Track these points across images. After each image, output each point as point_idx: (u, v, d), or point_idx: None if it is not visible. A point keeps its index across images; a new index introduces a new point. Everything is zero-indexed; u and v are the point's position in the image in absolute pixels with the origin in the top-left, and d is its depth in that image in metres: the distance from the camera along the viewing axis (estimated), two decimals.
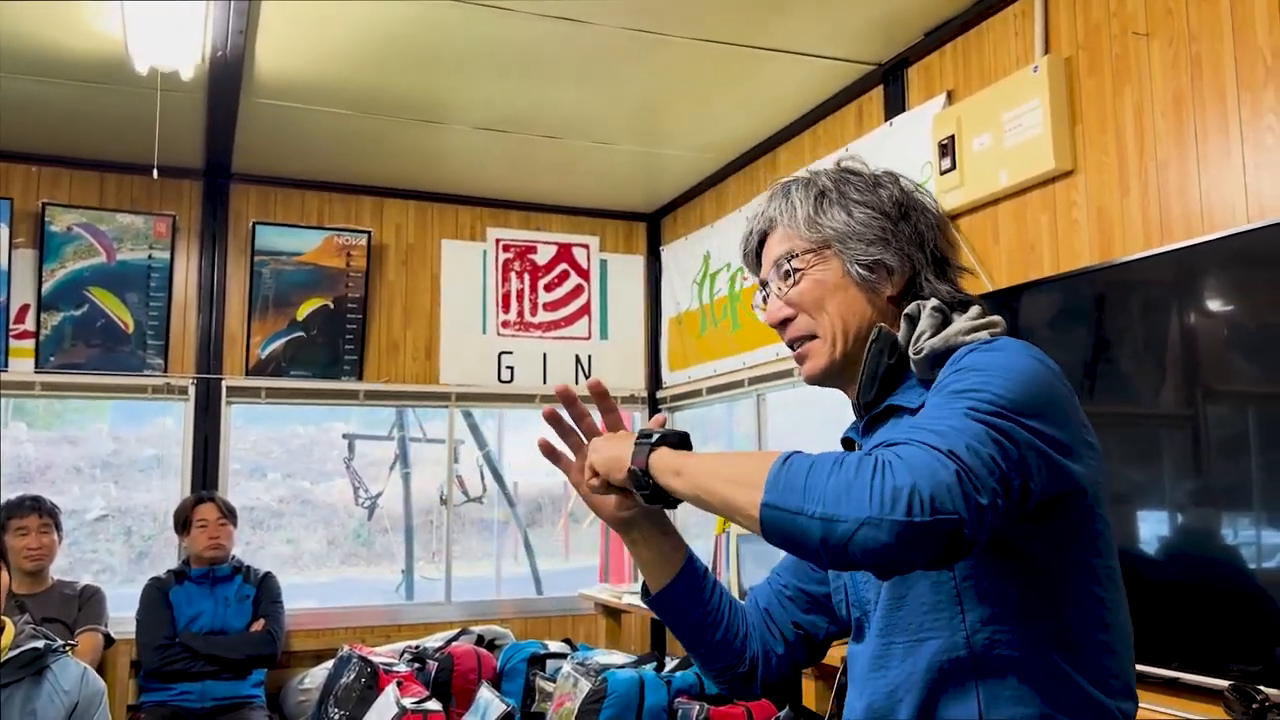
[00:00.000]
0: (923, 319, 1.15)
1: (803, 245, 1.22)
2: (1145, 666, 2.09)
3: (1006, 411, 0.97)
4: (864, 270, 1.20)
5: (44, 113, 3.74)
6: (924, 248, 1.22)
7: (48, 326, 4.09)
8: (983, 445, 0.94)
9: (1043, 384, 1.03)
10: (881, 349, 1.18)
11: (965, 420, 0.96)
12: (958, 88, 3.08)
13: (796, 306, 1.23)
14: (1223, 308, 2.09)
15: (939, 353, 1.12)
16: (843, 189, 1.23)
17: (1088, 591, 1.07)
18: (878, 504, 0.89)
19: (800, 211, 1.23)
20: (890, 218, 1.21)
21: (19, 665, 2.03)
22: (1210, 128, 2.31)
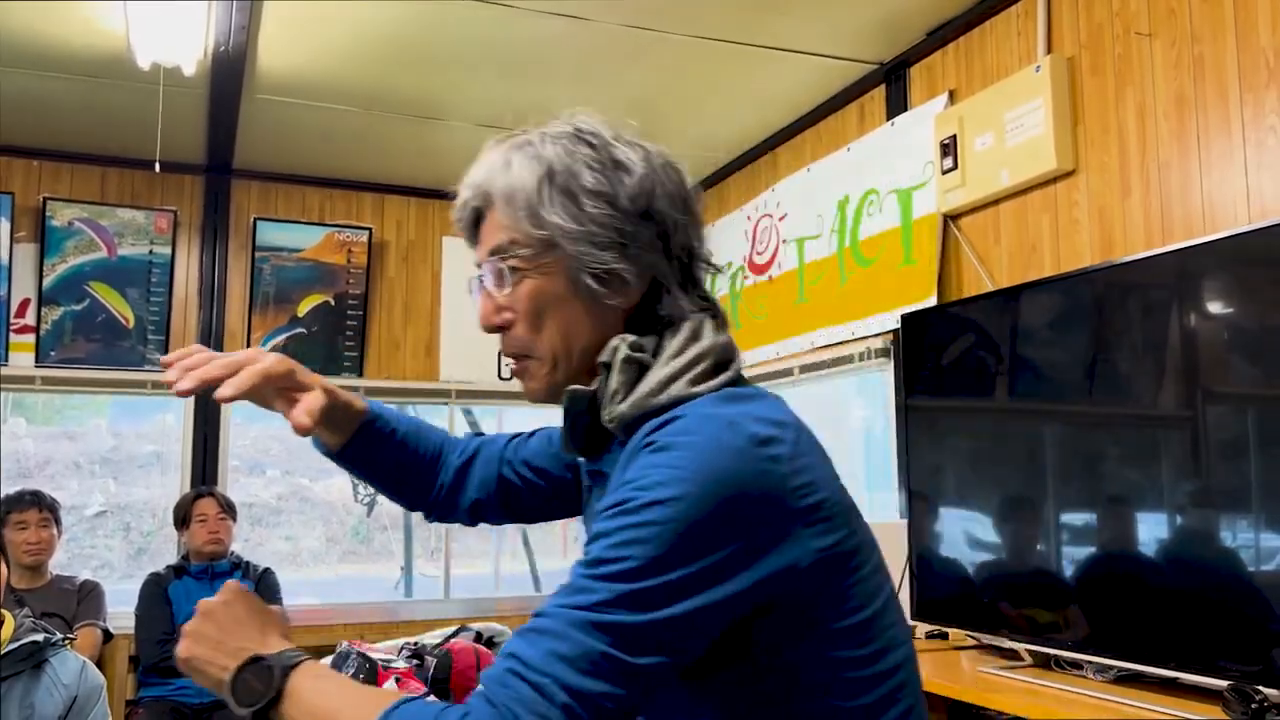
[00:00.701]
0: (614, 375, 0.97)
1: (524, 239, 0.99)
2: (1144, 667, 2.10)
3: (649, 590, 0.82)
4: (593, 282, 0.98)
5: (46, 107, 3.74)
6: (669, 251, 1.01)
7: (48, 321, 4.09)
8: (592, 684, 0.80)
9: (714, 499, 0.84)
10: (575, 412, 1.01)
11: (568, 637, 0.81)
12: (960, 87, 3.08)
13: (513, 314, 1.02)
14: (1224, 309, 2.09)
15: (630, 421, 0.95)
16: (575, 170, 0.99)
17: (845, 660, 0.91)
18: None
19: (522, 195, 0.99)
20: (631, 215, 0.99)
21: (18, 658, 2.03)
22: (1212, 128, 2.31)
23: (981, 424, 2.70)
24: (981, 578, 2.57)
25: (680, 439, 0.88)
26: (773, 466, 0.88)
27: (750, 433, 0.89)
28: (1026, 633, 2.40)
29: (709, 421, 0.90)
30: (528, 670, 0.81)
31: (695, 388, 0.95)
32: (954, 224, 3.07)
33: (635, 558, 0.83)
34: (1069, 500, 2.38)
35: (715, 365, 0.98)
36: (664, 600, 0.82)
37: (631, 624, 0.82)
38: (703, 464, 0.86)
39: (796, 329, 3.84)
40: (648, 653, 0.82)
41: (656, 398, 0.95)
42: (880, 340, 3.37)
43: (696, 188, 1.09)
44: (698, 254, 1.05)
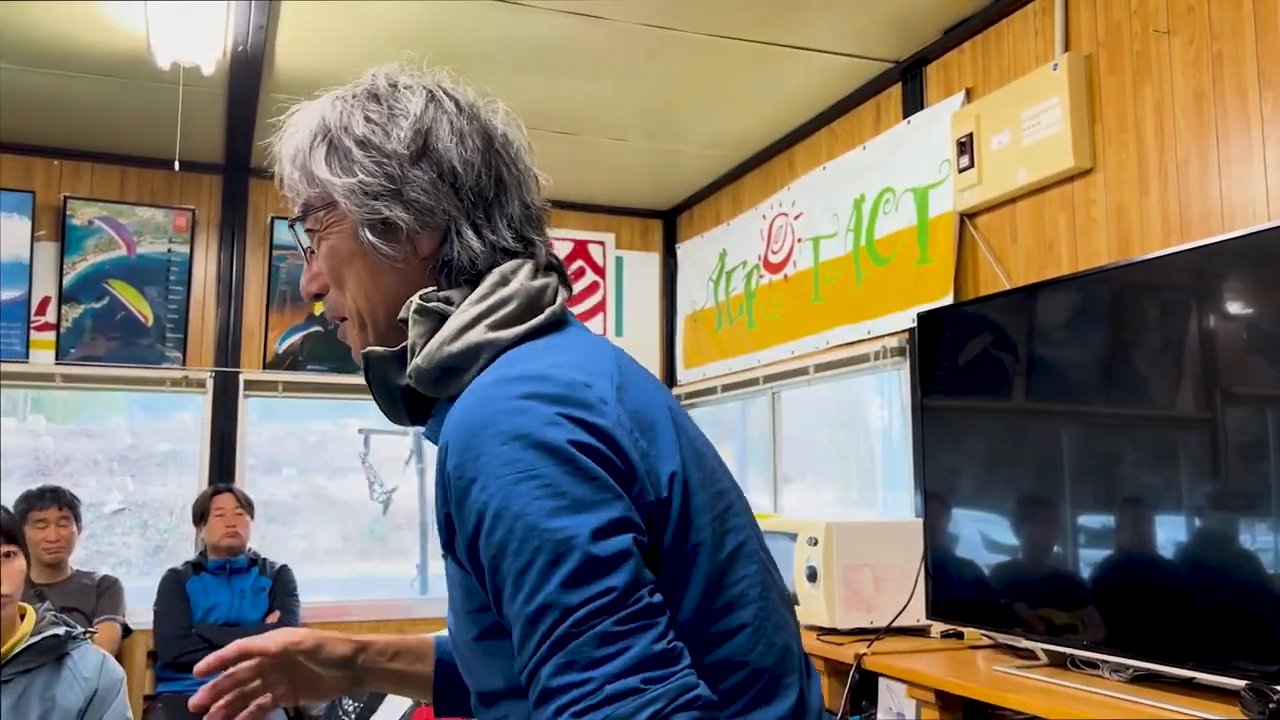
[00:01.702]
0: (411, 329, 0.93)
1: (310, 201, 0.98)
2: (1160, 666, 2.09)
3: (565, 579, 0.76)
4: (372, 234, 0.95)
5: (66, 107, 3.77)
6: (457, 190, 0.95)
7: (68, 319, 4.12)
8: (624, 659, 0.75)
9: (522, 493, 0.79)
10: (381, 374, 0.96)
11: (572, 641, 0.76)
12: (976, 85, 3.07)
13: (323, 276, 1.00)
14: (1243, 308, 2.08)
15: (428, 377, 0.91)
16: (348, 122, 0.97)
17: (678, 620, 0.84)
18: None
19: (300, 156, 0.99)
20: (400, 160, 0.94)
21: (40, 651, 2.05)
22: (1231, 126, 2.30)
23: (998, 424, 2.69)
24: (998, 578, 2.56)
25: (462, 433, 0.83)
26: (567, 427, 0.82)
27: (535, 400, 0.82)
28: (1043, 633, 2.39)
29: (485, 403, 0.84)
30: (572, 697, 0.74)
31: (495, 333, 0.91)
32: (970, 222, 3.06)
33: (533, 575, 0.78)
34: (1086, 501, 2.37)
35: (523, 310, 0.93)
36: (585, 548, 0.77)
37: (590, 595, 0.76)
38: (495, 463, 0.80)
39: (812, 328, 3.84)
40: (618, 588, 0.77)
41: (451, 345, 0.90)
42: (896, 339, 3.36)
43: (514, 128, 1.04)
44: (507, 189, 0.99)
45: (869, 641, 2.66)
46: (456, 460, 0.83)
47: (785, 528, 3.19)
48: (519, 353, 0.90)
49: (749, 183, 4.43)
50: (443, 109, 0.98)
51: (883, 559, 2.87)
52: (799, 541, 3.03)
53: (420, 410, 0.98)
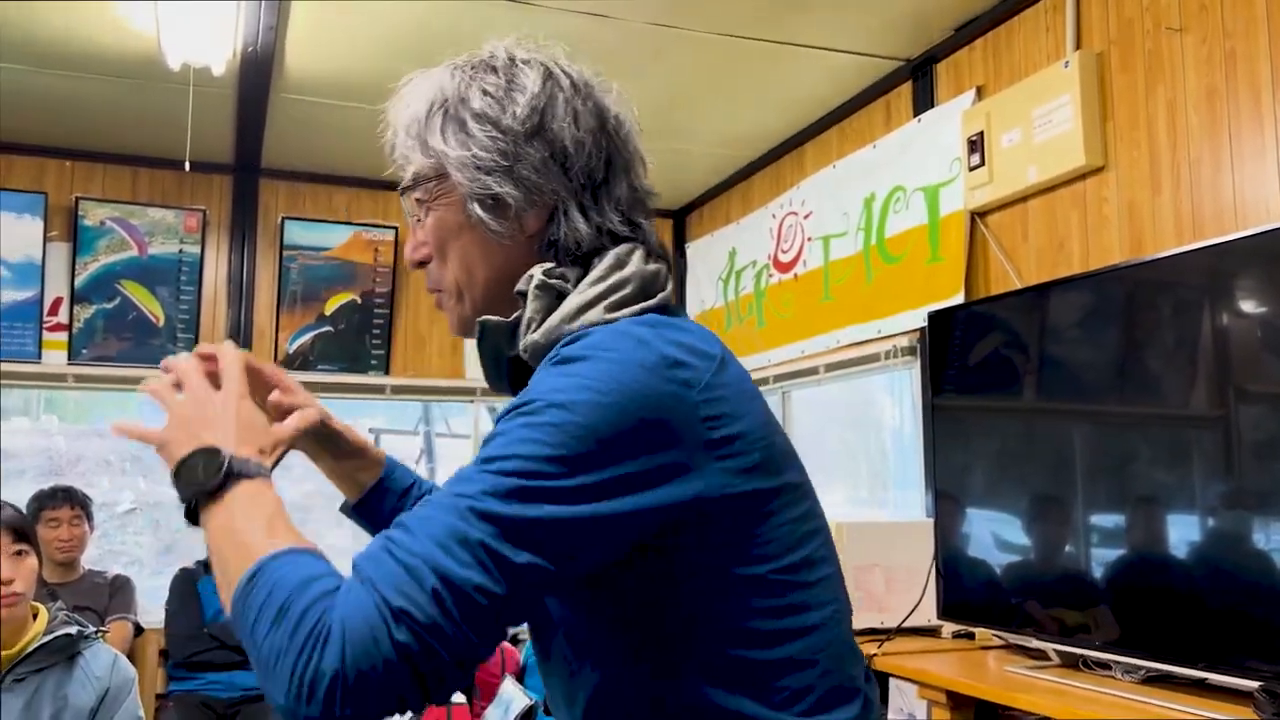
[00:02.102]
0: (529, 302, 0.94)
1: (422, 171, 0.99)
2: (1173, 667, 2.08)
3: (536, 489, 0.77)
4: (480, 209, 0.95)
5: (78, 108, 3.79)
6: (568, 170, 0.96)
7: (80, 319, 4.14)
8: (465, 573, 0.74)
9: (617, 410, 0.80)
10: (494, 345, 0.97)
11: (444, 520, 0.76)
12: (987, 83, 3.06)
13: (427, 247, 1.01)
14: (1256, 307, 2.07)
15: (543, 350, 0.91)
16: (466, 94, 0.98)
17: (751, 609, 0.87)
18: (294, 693, 0.72)
19: (415, 126, 1.00)
20: (516, 135, 0.95)
21: (52, 650, 2.06)
22: (1244, 124, 2.29)
23: (1009, 423, 2.68)
24: (1009, 578, 2.55)
25: (590, 351, 0.84)
26: (684, 391, 0.84)
27: (663, 353, 0.84)
28: (1054, 633, 2.38)
29: (620, 338, 0.86)
30: (399, 550, 0.76)
31: (612, 314, 0.91)
32: (981, 221, 3.05)
33: (526, 456, 0.79)
34: (1098, 500, 2.36)
35: (638, 293, 0.93)
36: (550, 499, 0.77)
37: (512, 516, 0.76)
38: (611, 375, 0.82)
39: (822, 327, 3.83)
40: (526, 549, 0.76)
41: (570, 324, 0.91)
42: (907, 339, 3.35)
43: (626, 109, 1.05)
44: (615, 174, 0.99)
45: (880, 642, 2.65)
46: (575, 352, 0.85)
47: None
48: (629, 323, 0.92)
49: (759, 182, 4.43)
50: (559, 86, 0.99)
51: (893, 559, 2.87)
52: None
53: (521, 382, 0.97)
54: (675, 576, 0.86)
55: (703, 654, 0.86)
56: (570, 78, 1.01)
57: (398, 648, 0.72)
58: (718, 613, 0.86)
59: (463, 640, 0.74)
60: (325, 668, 0.71)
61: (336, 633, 0.72)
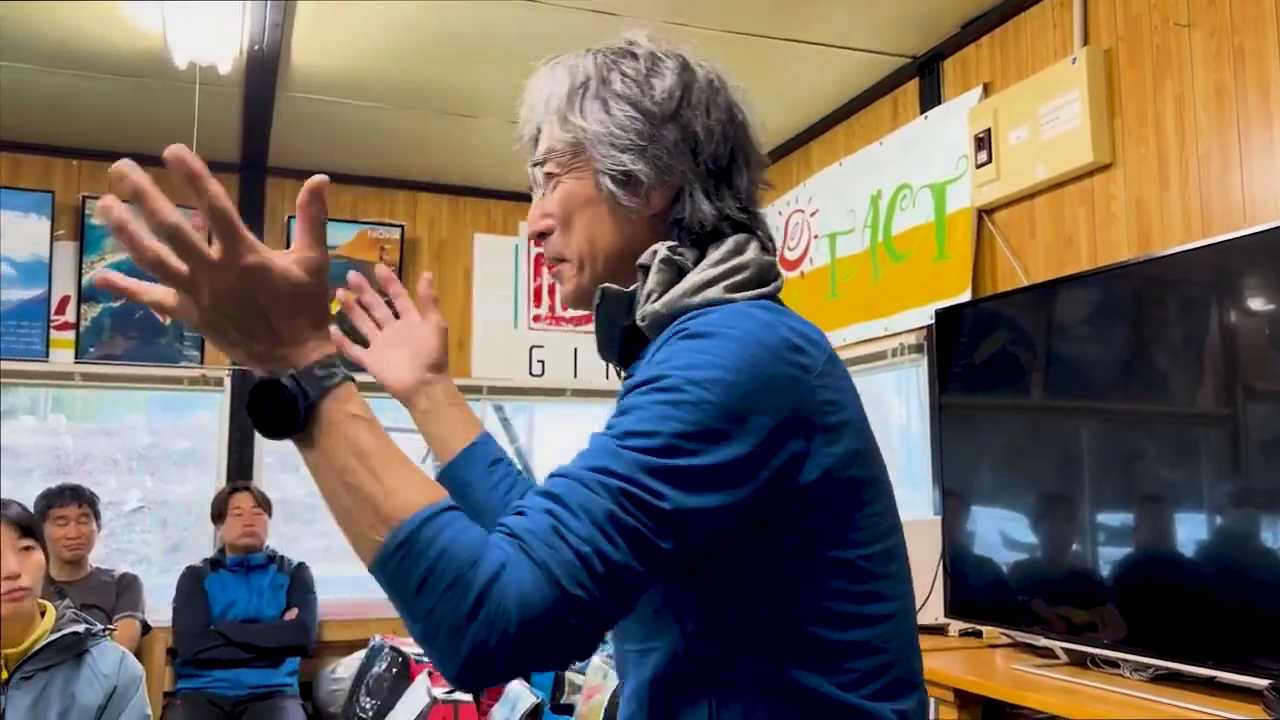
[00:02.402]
0: (651, 274, 0.98)
1: (557, 146, 1.04)
2: (1183, 665, 2.07)
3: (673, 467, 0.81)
4: (611, 184, 1.00)
5: (84, 107, 3.79)
6: (696, 155, 1.01)
7: (87, 318, 4.15)
8: (622, 559, 0.78)
9: (745, 389, 0.85)
10: (609, 312, 1.02)
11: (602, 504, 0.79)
12: (994, 80, 3.05)
13: (552, 218, 1.06)
14: (1265, 304, 2.06)
15: (663, 321, 0.96)
16: (607, 76, 1.03)
17: (834, 590, 0.91)
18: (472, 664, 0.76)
19: (555, 102, 1.04)
20: (653, 118, 1.00)
21: (59, 648, 2.06)
22: (1253, 120, 2.27)
23: (1017, 421, 2.67)
24: (1016, 576, 2.55)
25: (717, 329, 0.89)
26: (803, 375, 0.89)
27: (784, 337, 0.90)
28: (1062, 631, 2.37)
29: (746, 318, 0.90)
30: (569, 534, 0.78)
31: (732, 294, 0.96)
32: (988, 218, 3.04)
33: (666, 434, 0.82)
34: (1105, 498, 2.36)
35: (755, 279, 0.98)
36: (690, 483, 0.82)
37: (660, 505, 0.80)
38: (739, 354, 0.86)
39: (828, 325, 3.82)
40: (670, 537, 0.81)
41: (691, 298, 0.95)
42: (914, 336, 3.34)
43: (750, 108, 1.10)
44: (736, 166, 1.05)
45: None
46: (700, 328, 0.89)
47: None
48: (748, 305, 0.96)
49: None
50: (694, 77, 1.04)
51: None
52: None
53: (631, 351, 1.03)
54: (768, 552, 0.90)
55: (781, 628, 0.90)
56: (704, 70, 1.06)
57: (567, 630, 0.77)
58: (802, 590, 0.91)
59: (613, 615, 0.81)
60: (507, 641, 0.75)
61: (515, 613, 0.75)
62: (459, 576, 0.76)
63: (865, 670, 0.91)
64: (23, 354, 4.04)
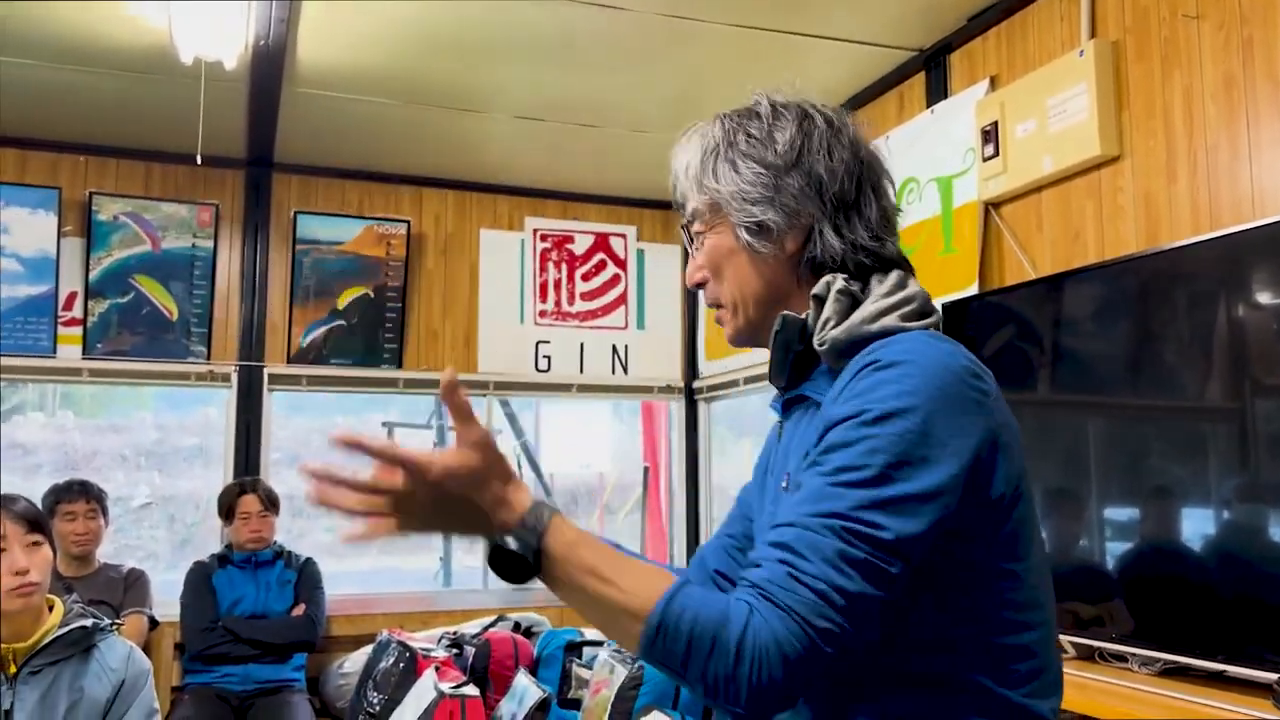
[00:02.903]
0: (828, 304, 1.08)
1: (700, 207, 1.17)
2: (1192, 659, 2.06)
3: (889, 498, 0.92)
4: (749, 235, 1.12)
5: (91, 103, 3.80)
6: (822, 194, 1.11)
7: (94, 314, 4.16)
8: (861, 587, 0.90)
9: (942, 414, 0.96)
10: (787, 339, 1.12)
11: (830, 543, 0.91)
12: (1001, 73, 3.04)
13: (704, 270, 1.18)
14: (1274, 297, 2.05)
15: (842, 346, 1.06)
16: (734, 139, 1.15)
17: (1005, 599, 1.02)
18: (755, 704, 0.89)
19: (692, 170, 1.17)
20: (777, 170, 1.11)
21: (67, 643, 2.07)
22: (1262, 111, 2.26)
23: (1023, 415, 2.65)
24: None
25: (906, 357, 0.98)
26: (984, 399, 1.00)
27: (965, 365, 1.00)
28: (1070, 626, 2.37)
29: (929, 346, 1.00)
30: (804, 575, 0.90)
31: (906, 323, 1.06)
32: (995, 212, 3.03)
33: (877, 467, 0.93)
34: (1112, 493, 2.35)
35: (921, 310, 1.08)
36: (906, 511, 0.92)
37: (880, 536, 0.91)
38: (931, 382, 0.96)
39: None
40: (898, 558, 0.91)
41: (870, 325, 1.05)
42: None
43: (870, 141, 1.18)
44: (865, 199, 1.13)
45: None
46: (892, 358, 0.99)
47: None
48: (925, 335, 1.06)
49: None
50: (814, 124, 1.14)
51: None
52: None
53: (800, 372, 1.14)
54: (956, 563, 0.99)
55: (960, 632, 1.00)
56: (824, 115, 1.16)
57: (825, 657, 0.89)
58: (980, 598, 1.01)
59: (863, 639, 0.92)
60: (776, 680, 0.88)
61: (775, 654, 0.88)
62: (715, 638, 0.89)
63: (1024, 672, 1.01)
64: (30, 350, 4.05)
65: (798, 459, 1.07)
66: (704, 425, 5.05)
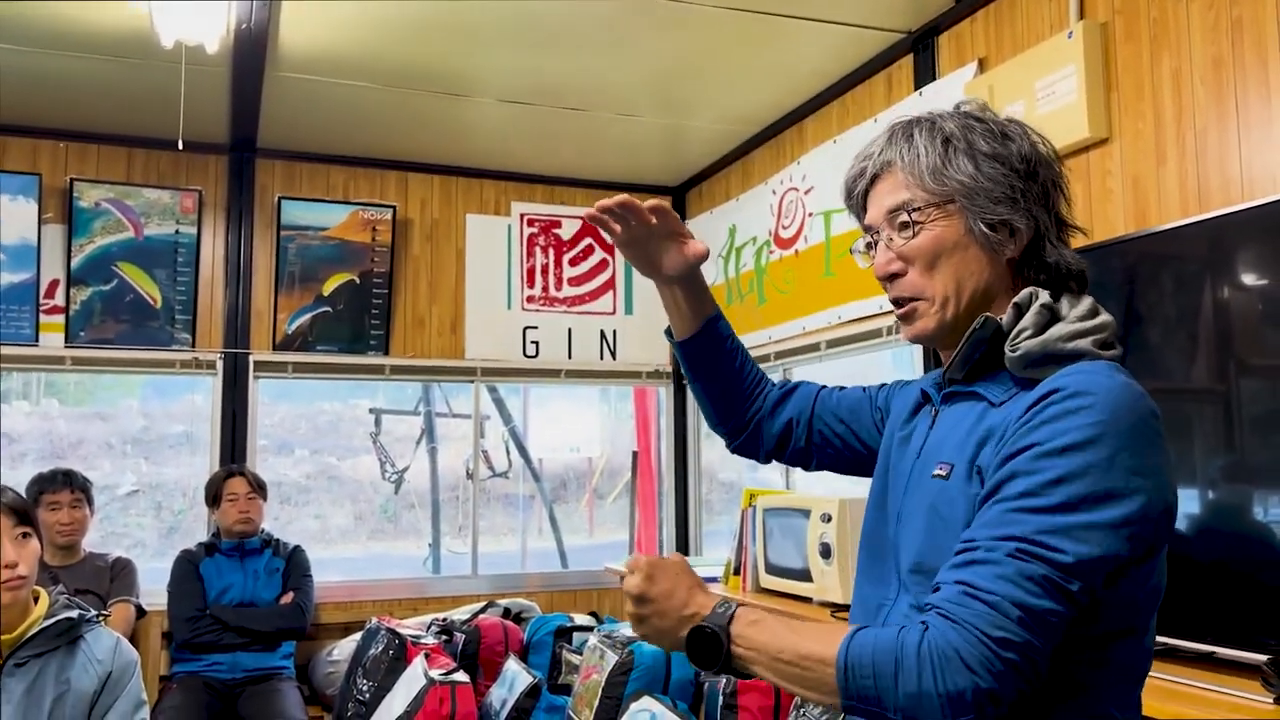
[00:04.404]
0: (1029, 314, 1.11)
1: (925, 196, 1.16)
2: (1181, 641, 2.07)
3: (1070, 525, 0.96)
4: (988, 230, 1.14)
5: (71, 88, 3.75)
6: (1049, 208, 1.17)
7: (77, 302, 4.12)
8: (1038, 602, 0.94)
9: (1128, 450, 0.99)
10: (982, 337, 1.14)
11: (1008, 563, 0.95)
12: (989, 55, 3.03)
13: (908, 261, 1.18)
14: (1261, 279, 2.05)
15: (1035, 357, 1.09)
16: (970, 137, 1.16)
17: (1143, 624, 1.09)
18: (950, 710, 0.92)
19: (925, 159, 1.16)
20: (1020, 174, 1.15)
21: (53, 635, 2.05)
22: (1251, 93, 2.26)
23: None
24: None
25: (1093, 390, 1.01)
26: (1161, 438, 1.03)
27: (1150, 406, 1.03)
28: None
29: (1118, 384, 1.03)
30: (979, 591, 0.94)
31: (1098, 351, 1.09)
32: None
33: (1060, 495, 0.96)
34: None
35: (1111, 339, 1.12)
36: (1087, 539, 0.95)
37: (1060, 556, 0.94)
38: (1118, 418, 0.99)
39: (823, 303, 3.81)
40: (1073, 580, 0.95)
41: (1065, 345, 1.08)
42: None
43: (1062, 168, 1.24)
44: (1068, 219, 1.20)
45: None
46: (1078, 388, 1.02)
47: (798, 504, 3.18)
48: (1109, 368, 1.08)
49: (759, 157, 4.39)
50: (1034, 141, 1.19)
51: None
52: (812, 518, 3.02)
53: (979, 370, 1.17)
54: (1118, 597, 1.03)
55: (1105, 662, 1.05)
56: (1037, 133, 1.21)
57: (1006, 661, 0.92)
58: (1127, 630, 1.06)
59: (1044, 653, 0.95)
60: (963, 684, 0.92)
61: (956, 662, 0.92)
62: (896, 660, 0.94)
63: (1133, 700, 1.10)
64: (12, 339, 4.01)
65: (954, 449, 1.12)
66: (693, 409, 5.05)
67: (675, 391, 5.06)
